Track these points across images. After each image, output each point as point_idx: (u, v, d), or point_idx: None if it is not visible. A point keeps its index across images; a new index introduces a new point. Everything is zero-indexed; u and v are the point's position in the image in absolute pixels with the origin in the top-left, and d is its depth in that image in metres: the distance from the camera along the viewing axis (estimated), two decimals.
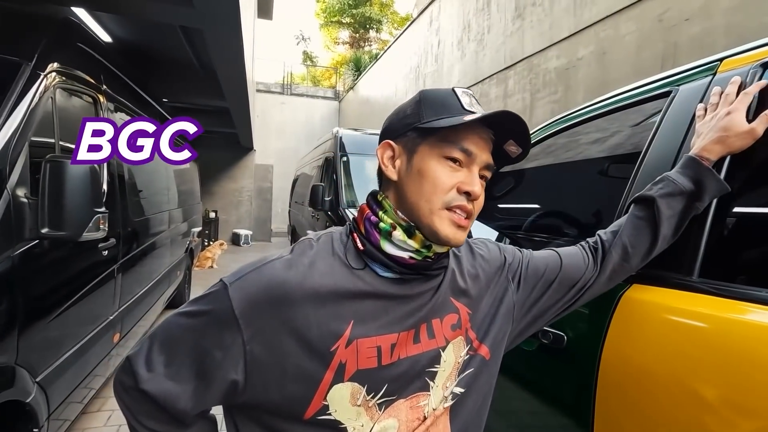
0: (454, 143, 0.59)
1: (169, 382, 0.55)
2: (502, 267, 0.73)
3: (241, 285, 0.55)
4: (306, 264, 0.58)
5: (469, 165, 0.60)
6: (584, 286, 0.75)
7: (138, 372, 0.56)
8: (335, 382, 0.56)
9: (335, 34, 21.62)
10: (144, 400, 0.56)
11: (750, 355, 0.61)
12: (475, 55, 6.62)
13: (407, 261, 0.59)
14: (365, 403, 0.57)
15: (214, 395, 0.56)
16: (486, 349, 0.67)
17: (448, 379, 0.63)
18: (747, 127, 0.72)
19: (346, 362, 0.56)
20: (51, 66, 1.83)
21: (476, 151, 0.60)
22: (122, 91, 2.89)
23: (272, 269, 0.57)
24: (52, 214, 1.53)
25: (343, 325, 0.56)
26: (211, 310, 0.55)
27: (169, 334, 0.58)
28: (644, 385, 0.73)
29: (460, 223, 0.59)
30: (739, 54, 0.84)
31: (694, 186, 0.73)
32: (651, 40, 3.49)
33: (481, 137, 0.60)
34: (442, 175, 0.59)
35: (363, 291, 0.58)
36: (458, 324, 0.65)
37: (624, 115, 1.07)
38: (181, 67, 5.85)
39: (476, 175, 0.60)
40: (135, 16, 3.70)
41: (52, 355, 1.76)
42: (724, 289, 0.69)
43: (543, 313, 0.74)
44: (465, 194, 0.58)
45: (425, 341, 0.62)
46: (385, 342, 0.58)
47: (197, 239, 5.91)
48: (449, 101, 0.61)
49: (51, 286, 1.74)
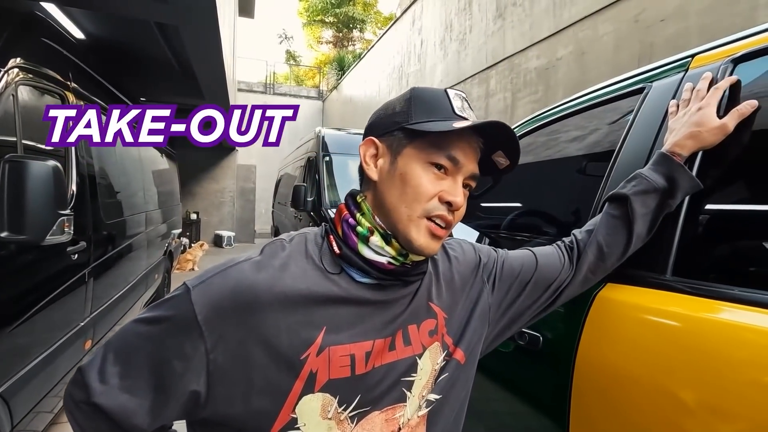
0: (442, 150, 0.56)
1: (125, 395, 0.50)
2: (477, 268, 0.71)
3: (205, 289, 0.51)
4: (277, 266, 0.54)
5: (455, 173, 0.57)
6: (560, 287, 0.73)
7: (90, 384, 0.51)
8: (305, 393, 0.52)
9: (318, 33, 21.48)
10: (96, 416, 0.51)
11: (721, 355, 0.60)
12: (457, 54, 6.64)
13: (386, 266, 0.57)
14: (337, 415, 0.54)
15: (173, 409, 0.51)
16: (461, 353, 0.65)
17: (425, 388, 0.61)
18: (718, 122, 0.72)
19: (317, 372, 0.52)
20: (13, 62, 1.75)
21: (463, 159, 0.57)
22: (93, 88, 2.79)
23: (239, 272, 0.53)
24: (11, 216, 1.45)
25: (314, 332, 0.53)
26: (172, 316, 0.51)
27: (125, 342, 0.53)
28: (618, 386, 0.72)
29: (437, 233, 0.56)
30: (710, 50, 0.84)
31: (666, 183, 0.73)
32: (628, 41, 3.54)
33: (470, 145, 0.58)
34: (426, 182, 0.56)
35: (337, 296, 0.55)
36: (435, 330, 0.63)
37: (599, 112, 1.06)
38: (159, 65, 5.70)
39: (460, 185, 0.58)
40: (106, 12, 3.59)
41: (16, 365, 1.68)
42: (697, 288, 0.68)
43: (520, 315, 0.72)
44: (447, 204, 0.56)
45: (401, 348, 0.59)
46: (359, 350, 0.55)
47: (177, 241, 5.78)
48: (441, 104, 0.59)
49: (13, 292, 1.66)
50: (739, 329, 0.60)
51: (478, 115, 0.62)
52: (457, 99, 0.59)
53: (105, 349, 0.53)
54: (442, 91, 0.60)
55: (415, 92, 0.60)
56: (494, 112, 5.53)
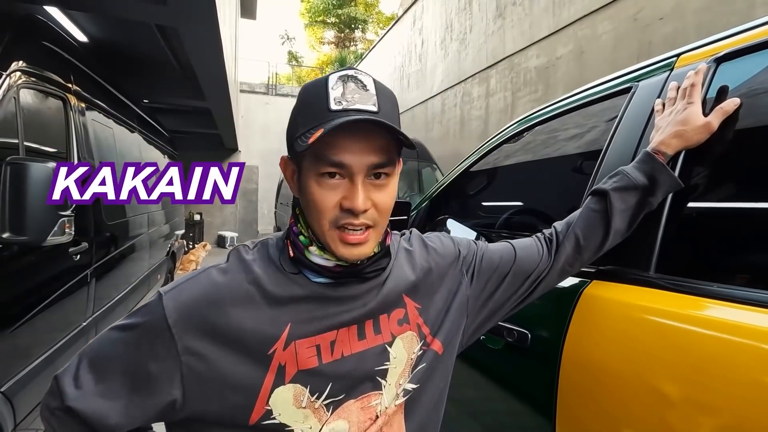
0: (325, 158, 0.52)
1: (99, 400, 0.52)
2: (456, 260, 0.71)
3: (175, 294, 0.54)
4: (242, 270, 0.57)
5: (351, 175, 0.53)
6: (538, 278, 0.74)
7: (65, 390, 0.53)
8: (276, 385, 0.54)
9: (320, 34, 21.53)
10: (71, 421, 0.53)
11: (703, 351, 0.61)
12: (457, 54, 6.65)
13: (334, 269, 0.57)
14: (311, 404, 0.56)
15: (149, 412, 0.53)
16: (439, 343, 0.66)
17: (401, 376, 0.62)
18: (703, 120, 0.73)
19: (285, 364, 0.54)
20: (14, 65, 1.77)
21: (351, 159, 0.52)
22: (95, 91, 2.82)
23: (207, 277, 0.56)
24: (13, 218, 1.48)
25: (280, 328, 0.55)
26: (145, 322, 0.54)
27: (100, 349, 0.56)
28: (603, 382, 0.73)
29: (349, 240, 0.54)
30: (695, 49, 0.85)
31: (647, 181, 0.73)
32: (626, 39, 3.54)
33: (355, 139, 0.52)
34: (321, 196, 0.53)
35: (299, 295, 0.57)
36: (405, 319, 0.63)
37: (588, 112, 1.07)
38: (160, 67, 5.74)
39: (359, 187, 0.53)
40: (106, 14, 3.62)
41: (19, 365, 1.71)
42: (680, 285, 0.69)
43: (500, 307, 0.73)
44: (349, 210, 0.53)
45: (371, 337, 0.60)
46: (323, 340, 0.57)
47: (180, 242, 5.81)
48: (319, 99, 0.53)
49: (15, 293, 1.69)
50: (721, 326, 0.61)
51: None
52: (338, 86, 0.52)
53: (80, 357, 0.55)
54: (323, 82, 0.53)
55: (301, 92, 0.57)
56: (495, 112, 5.54)
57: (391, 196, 0.57)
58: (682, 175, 0.75)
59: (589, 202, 0.78)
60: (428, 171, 5.97)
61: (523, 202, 1.34)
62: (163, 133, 5.29)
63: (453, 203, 1.58)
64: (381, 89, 0.55)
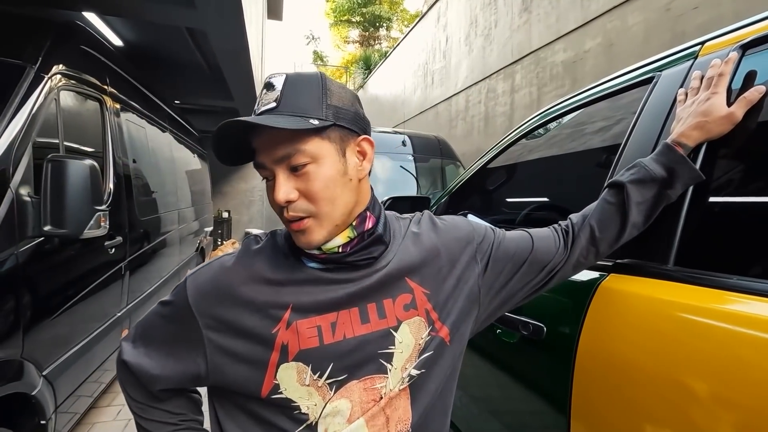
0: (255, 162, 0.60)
1: (145, 358, 0.64)
2: (469, 244, 0.70)
3: (195, 278, 0.62)
4: (250, 256, 0.63)
5: (274, 171, 0.58)
6: (554, 269, 0.73)
7: (123, 347, 0.67)
8: (281, 362, 0.59)
9: (345, 33, 21.66)
10: (125, 370, 0.66)
11: (722, 345, 0.60)
12: (482, 50, 6.56)
13: (319, 256, 0.61)
14: (313, 382, 0.59)
15: (181, 372, 0.62)
16: (446, 330, 0.66)
17: (408, 361, 0.63)
18: (726, 111, 0.70)
19: (288, 343, 0.59)
20: (55, 68, 1.88)
21: (263, 158, 0.58)
22: (129, 92, 2.95)
23: (220, 262, 0.63)
24: (53, 212, 1.57)
25: (281, 310, 0.59)
26: (174, 301, 0.63)
27: (148, 319, 0.67)
28: (619, 377, 0.72)
29: (295, 227, 0.58)
30: (720, 37, 0.82)
31: (666, 173, 0.72)
32: (658, 30, 3.41)
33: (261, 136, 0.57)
34: (269, 197, 0.60)
35: (301, 279, 0.61)
36: (412, 304, 0.64)
37: (610, 103, 1.05)
38: (190, 70, 5.94)
39: (281, 180, 0.56)
40: (140, 19, 3.77)
41: (59, 350, 1.82)
42: (699, 278, 0.67)
43: (512, 296, 0.73)
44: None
45: (375, 321, 0.62)
46: (324, 321, 0.60)
47: (209, 238, 6.00)
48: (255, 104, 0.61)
49: (56, 283, 1.79)
50: (740, 319, 0.60)
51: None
52: (262, 94, 0.60)
53: (137, 324, 0.68)
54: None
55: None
56: (520, 108, 5.44)
57: (321, 182, 0.57)
58: (704, 166, 0.73)
59: (606, 194, 0.76)
60: (452, 168, 5.93)
61: (542, 197, 1.32)
62: (193, 132, 5.46)
63: (472, 199, 1.57)
64: (292, 81, 0.58)
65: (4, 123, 1.55)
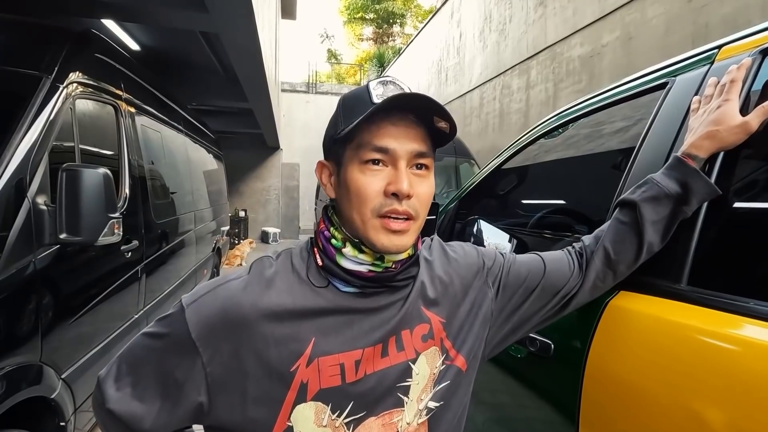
0: (369, 144, 0.54)
1: (135, 402, 0.55)
2: (480, 272, 0.68)
3: (197, 308, 0.55)
4: (263, 283, 0.56)
5: (394, 161, 0.55)
6: (568, 294, 0.71)
7: (106, 392, 0.56)
8: (298, 402, 0.54)
9: (359, 30, 21.64)
10: (112, 419, 0.56)
11: (732, 373, 0.56)
12: (496, 45, 6.46)
13: (366, 274, 0.57)
14: (331, 422, 0.55)
15: (180, 416, 0.55)
16: (462, 359, 0.64)
17: (423, 392, 0.60)
18: (739, 120, 0.66)
19: (308, 382, 0.54)
20: (70, 77, 1.92)
21: (395, 144, 0.54)
22: (144, 97, 3.00)
23: (227, 290, 0.56)
24: (68, 220, 1.61)
25: (303, 344, 0.54)
26: (170, 333, 0.55)
27: (134, 354, 0.58)
28: (626, 398, 0.69)
29: (393, 227, 0.54)
30: (739, 40, 0.77)
31: (680, 189, 0.68)
32: (680, 22, 3.29)
33: (397, 126, 0.55)
34: (364, 183, 0.55)
35: (324, 308, 0.56)
36: (429, 334, 0.62)
37: (621, 109, 1.01)
38: (206, 72, 6.02)
39: (403, 171, 0.54)
40: (155, 24, 3.83)
41: (77, 353, 1.86)
42: (713, 300, 0.64)
43: (526, 321, 0.70)
44: (394, 196, 0.54)
45: (393, 354, 0.58)
46: (348, 359, 0.55)
47: (225, 238, 6.08)
48: (361, 99, 0.56)
49: (73, 288, 1.84)
50: (753, 347, 0.56)
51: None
52: (378, 87, 0.56)
53: (119, 360, 0.59)
54: (364, 87, 0.58)
55: (341, 100, 0.60)
56: (535, 104, 5.34)
57: (430, 190, 0.58)
58: (720, 179, 0.69)
59: (618, 213, 0.73)
60: (466, 167, 5.86)
61: (553, 201, 1.29)
62: (209, 134, 5.54)
63: (483, 203, 1.54)
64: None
65: (21, 134, 1.59)
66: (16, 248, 1.46)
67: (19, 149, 1.55)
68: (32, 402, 1.52)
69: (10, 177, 1.49)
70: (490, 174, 1.44)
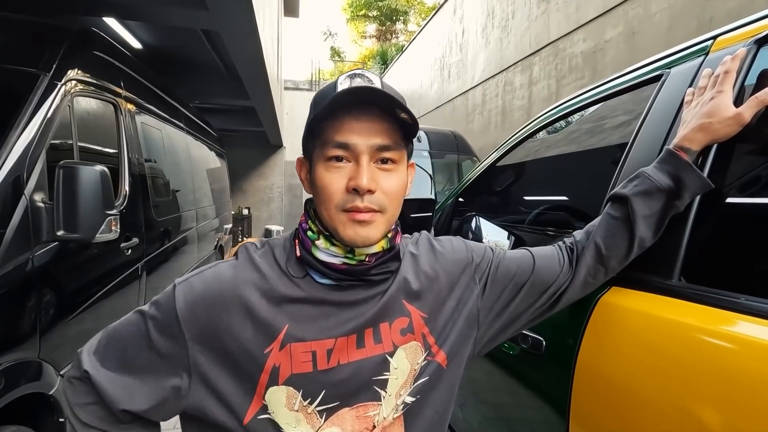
0: (331, 141, 0.55)
1: (116, 376, 0.55)
2: (467, 267, 0.68)
3: (185, 287, 0.57)
4: (249, 267, 0.58)
5: (357, 157, 0.55)
6: (558, 290, 0.69)
7: (84, 361, 0.57)
8: (270, 384, 0.55)
9: (362, 28, 21.61)
10: (85, 391, 0.56)
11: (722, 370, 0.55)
12: (499, 42, 6.42)
13: (340, 267, 0.57)
14: (303, 408, 0.56)
15: (155, 392, 0.56)
16: (443, 355, 0.63)
17: (402, 387, 0.60)
18: (732, 112, 0.65)
19: (279, 365, 0.55)
20: (68, 75, 1.92)
21: (356, 139, 0.54)
22: (144, 95, 3.00)
23: (214, 273, 0.58)
24: (66, 217, 1.61)
25: (276, 329, 0.56)
26: (159, 310, 0.57)
27: (121, 329, 0.59)
28: (615, 395, 0.68)
29: (359, 218, 0.54)
30: (733, 31, 0.76)
31: (672, 183, 0.66)
32: (684, 17, 3.25)
33: (360, 121, 0.55)
34: (328, 180, 0.55)
35: (300, 297, 0.57)
36: (409, 328, 0.61)
37: (617, 102, 0.99)
38: (208, 70, 6.03)
39: (364, 167, 0.54)
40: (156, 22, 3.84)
41: (76, 350, 1.87)
42: (705, 296, 0.62)
43: (516, 318, 0.69)
44: (355, 191, 0.54)
45: (370, 346, 0.59)
46: (320, 347, 0.56)
47: (227, 236, 6.10)
48: (328, 95, 0.55)
49: (72, 286, 1.84)
50: (746, 344, 0.55)
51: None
52: (345, 81, 0.56)
53: (103, 333, 0.59)
54: (333, 82, 0.57)
55: (314, 96, 0.60)
56: (538, 101, 5.31)
57: (399, 183, 0.57)
58: (713, 172, 0.67)
59: (609, 208, 0.72)
60: (468, 164, 5.84)
61: (549, 198, 1.27)
62: (212, 132, 5.55)
63: (479, 199, 1.53)
64: (387, 85, 0.57)
65: (18, 131, 1.60)
66: (14, 245, 1.47)
67: (16, 146, 1.56)
68: (31, 398, 1.53)
69: (8, 174, 1.49)
70: (486, 171, 1.42)
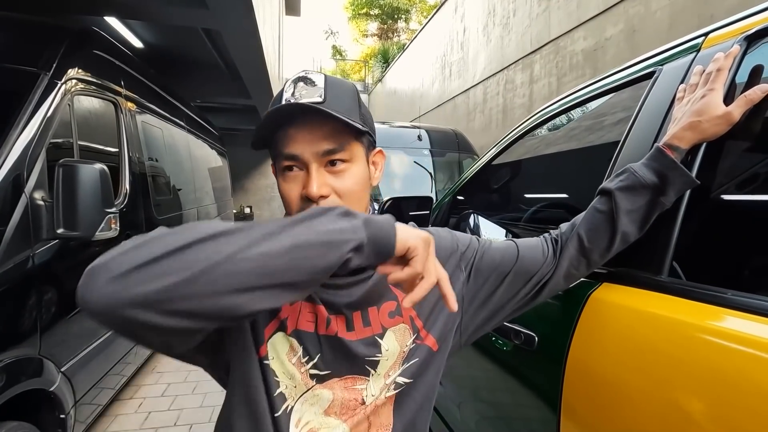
0: (280, 152, 0.57)
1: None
2: (452, 255, 0.69)
3: None
4: None
5: (307, 164, 0.56)
6: (541, 280, 0.70)
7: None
8: (278, 330, 0.59)
9: (364, 26, 21.59)
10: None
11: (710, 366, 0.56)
12: (500, 40, 6.41)
13: None
14: (300, 364, 0.58)
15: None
16: (433, 339, 0.65)
17: (392, 368, 0.62)
18: (722, 110, 0.65)
19: (287, 318, 0.59)
20: (68, 74, 1.93)
21: (300, 149, 0.56)
22: (145, 94, 3.01)
23: None
24: (66, 215, 1.62)
25: None
26: None
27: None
28: (607, 393, 0.68)
29: None
30: (725, 27, 0.76)
31: (657, 179, 0.67)
32: (684, 15, 3.24)
33: (300, 130, 0.56)
34: (286, 190, 0.58)
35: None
36: (397, 311, 0.63)
37: (609, 100, 1.00)
38: (209, 69, 6.05)
39: (313, 175, 0.56)
40: (156, 21, 3.85)
41: (77, 347, 1.89)
42: (692, 291, 0.63)
43: (501, 308, 0.70)
44: (308, 199, 0.56)
45: (360, 329, 0.61)
46: (320, 312, 0.59)
47: None
48: (275, 104, 0.57)
49: (72, 283, 1.84)
50: (730, 338, 0.55)
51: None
52: (290, 87, 0.57)
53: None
54: (282, 87, 0.59)
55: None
56: (539, 99, 5.30)
57: (354, 180, 0.58)
58: (703, 170, 0.68)
59: (596, 202, 0.72)
60: (469, 162, 5.83)
61: (543, 194, 1.28)
62: (213, 131, 5.56)
63: (476, 197, 1.53)
64: (332, 83, 0.58)
65: (18, 130, 1.61)
66: (14, 243, 1.48)
67: (16, 145, 1.57)
68: (32, 395, 1.54)
69: (8, 172, 1.51)
70: (482, 169, 1.43)
